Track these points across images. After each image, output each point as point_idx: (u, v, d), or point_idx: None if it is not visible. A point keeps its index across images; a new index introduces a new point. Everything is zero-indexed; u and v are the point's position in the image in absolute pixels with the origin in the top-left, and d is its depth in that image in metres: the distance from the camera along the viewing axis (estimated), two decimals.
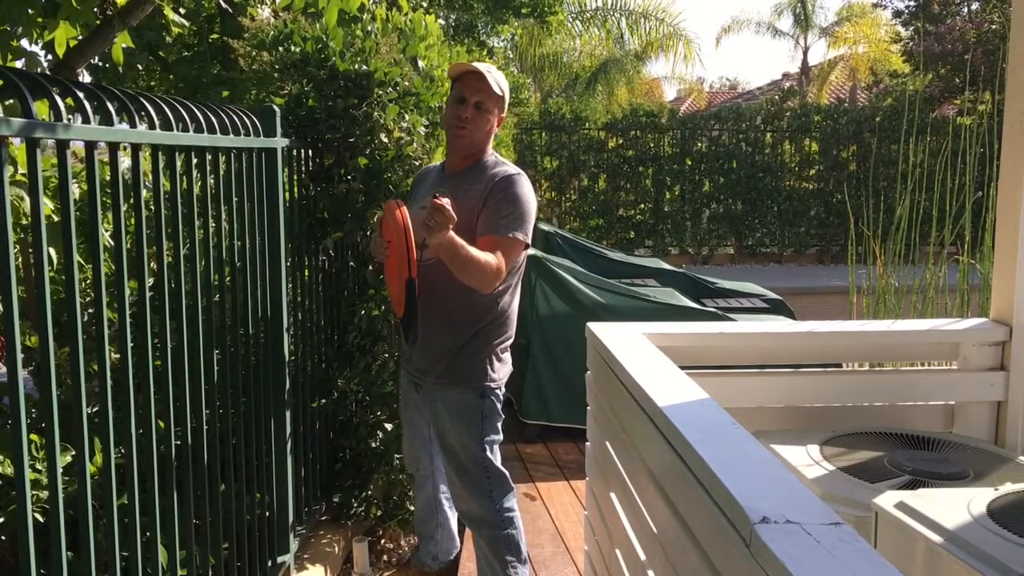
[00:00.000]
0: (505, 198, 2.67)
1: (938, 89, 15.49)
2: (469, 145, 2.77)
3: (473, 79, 2.72)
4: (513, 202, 2.67)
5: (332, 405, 3.64)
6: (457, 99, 2.74)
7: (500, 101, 2.78)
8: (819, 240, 14.77)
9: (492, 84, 2.71)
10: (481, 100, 2.73)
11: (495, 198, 2.67)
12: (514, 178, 2.71)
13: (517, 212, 2.67)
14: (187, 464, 2.27)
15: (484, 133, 2.77)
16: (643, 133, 14.32)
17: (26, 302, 2.53)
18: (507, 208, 2.66)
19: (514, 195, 2.68)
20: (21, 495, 1.56)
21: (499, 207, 2.66)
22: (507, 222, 2.65)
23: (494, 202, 2.67)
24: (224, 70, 4.26)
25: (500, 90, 2.74)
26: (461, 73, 2.75)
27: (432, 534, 3.39)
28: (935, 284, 4.67)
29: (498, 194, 2.68)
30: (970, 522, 1.66)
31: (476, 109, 2.73)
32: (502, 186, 2.69)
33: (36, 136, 1.56)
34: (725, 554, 1.31)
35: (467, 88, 2.72)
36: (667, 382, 1.90)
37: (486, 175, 2.74)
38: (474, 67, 2.72)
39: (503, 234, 2.63)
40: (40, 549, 1.63)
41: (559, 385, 4.93)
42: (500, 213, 2.65)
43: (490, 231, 2.64)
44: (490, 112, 2.75)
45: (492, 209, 2.66)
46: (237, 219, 2.66)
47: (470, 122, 2.72)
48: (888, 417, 2.67)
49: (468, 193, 2.73)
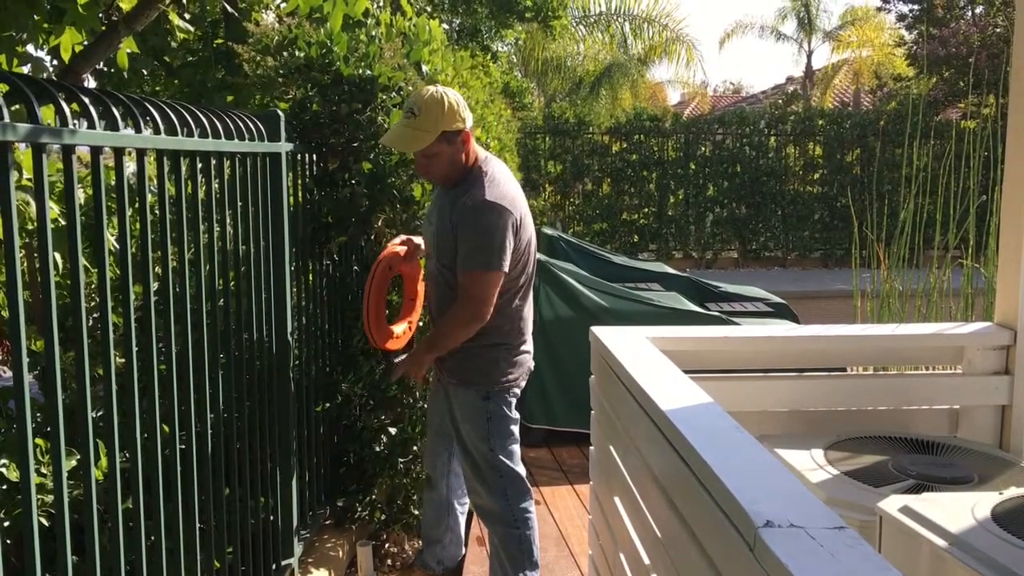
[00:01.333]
0: (467, 232, 2.74)
1: (942, 93, 15.47)
2: (442, 180, 2.88)
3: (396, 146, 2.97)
4: (477, 235, 2.72)
5: (336, 409, 3.65)
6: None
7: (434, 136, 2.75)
8: (823, 244, 14.75)
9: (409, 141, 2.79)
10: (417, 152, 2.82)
11: (461, 231, 2.75)
12: (479, 207, 2.73)
13: (480, 244, 2.72)
14: (191, 468, 2.27)
15: (446, 164, 2.81)
16: (647, 137, 14.32)
17: (32, 306, 2.54)
18: (470, 243, 2.74)
19: (477, 226, 2.73)
20: (27, 499, 1.57)
21: (463, 243, 2.75)
22: (473, 258, 2.73)
23: (461, 236, 2.75)
24: (228, 75, 4.27)
25: (427, 128, 2.73)
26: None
27: (440, 538, 3.39)
28: (939, 288, 4.67)
29: (462, 228, 2.75)
30: (974, 526, 1.66)
31: (424, 157, 2.81)
32: (466, 217, 2.75)
33: (42, 141, 1.57)
34: (729, 558, 1.31)
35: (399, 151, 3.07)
36: (671, 386, 1.90)
37: (458, 199, 2.80)
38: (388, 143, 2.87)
39: (468, 270, 2.75)
40: (45, 553, 1.63)
41: (563, 389, 4.93)
42: (465, 248, 2.75)
43: (460, 267, 2.77)
44: (434, 151, 2.77)
45: (461, 245, 2.75)
46: (241, 223, 2.66)
47: (424, 168, 2.86)
48: (892, 421, 2.67)
49: (444, 214, 2.84)
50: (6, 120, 1.45)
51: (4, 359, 2.98)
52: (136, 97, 1.99)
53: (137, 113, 1.93)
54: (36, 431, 1.61)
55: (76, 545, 1.73)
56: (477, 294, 2.73)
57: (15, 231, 1.50)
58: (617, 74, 19.72)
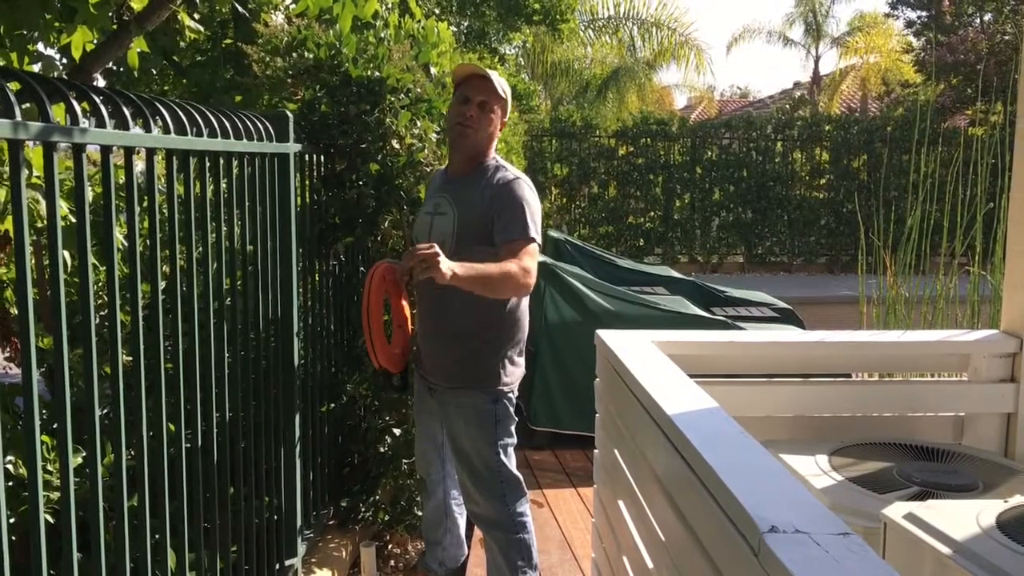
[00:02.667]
0: (509, 204, 2.70)
1: (950, 100, 15.46)
2: (472, 146, 2.80)
3: (477, 80, 2.77)
4: (518, 206, 2.70)
5: (341, 410, 3.65)
6: (461, 99, 2.78)
7: (503, 103, 2.81)
8: (829, 249, 14.74)
9: (496, 85, 2.75)
10: (485, 100, 2.76)
11: (500, 205, 2.71)
12: (514, 183, 2.74)
13: (525, 215, 2.70)
14: (197, 467, 2.28)
15: (487, 134, 2.79)
16: (653, 141, 14.32)
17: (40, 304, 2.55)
18: (513, 213, 2.69)
19: (517, 198, 2.72)
20: (33, 495, 1.57)
21: (505, 214, 2.69)
22: (518, 225, 2.68)
23: (501, 209, 2.70)
24: (237, 75, 4.28)
25: (503, 92, 2.78)
26: (466, 75, 2.79)
27: (440, 539, 3.39)
28: (945, 295, 4.66)
29: (501, 201, 2.71)
30: (979, 534, 1.66)
31: (480, 109, 2.76)
32: (504, 192, 2.73)
33: (53, 140, 1.57)
34: (733, 563, 1.32)
35: (471, 89, 2.76)
36: (676, 390, 1.90)
37: (487, 179, 2.78)
38: (478, 69, 2.75)
39: (518, 236, 2.67)
40: (50, 550, 1.64)
41: (568, 392, 4.93)
42: (510, 220, 2.68)
43: (505, 239, 2.67)
44: (493, 112, 2.78)
45: (501, 219, 2.69)
46: (249, 223, 2.67)
47: (474, 121, 2.76)
48: (897, 428, 2.67)
49: (470, 197, 2.76)
50: (18, 118, 1.46)
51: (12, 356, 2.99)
52: (146, 96, 2.00)
53: (147, 112, 1.94)
54: (43, 428, 1.62)
55: (81, 542, 1.73)
56: (530, 264, 2.63)
57: (25, 229, 1.51)
58: (624, 78, 19.74)
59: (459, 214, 2.77)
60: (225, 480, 2.48)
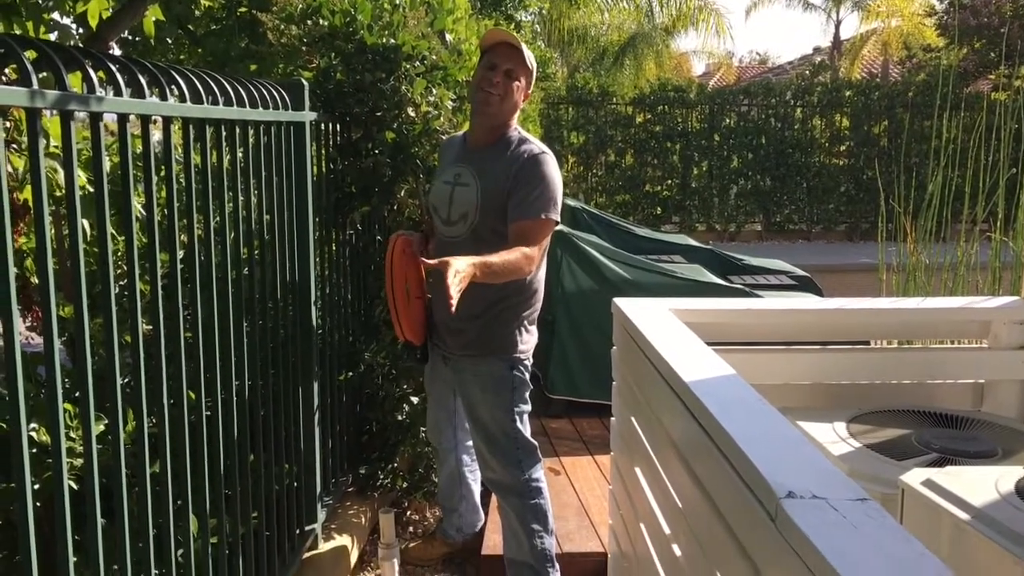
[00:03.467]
0: (532, 179, 2.67)
1: (972, 64, 15.22)
2: (495, 114, 2.76)
3: (506, 48, 2.72)
4: (540, 182, 2.67)
5: (359, 378, 3.67)
6: (487, 66, 2.73)
7: (529, 74, 2.77)
8: (848, 217, 14.62)
9: (524, 55, 2.71)
10: (512, 68, 2.72)
11: (522, 180, 2.67)
12: (539, 158, 2.70)
13: (546, 193, 2.67)
14: (217, 434, 2.30)
15: (511, 104, 2.75)
16: (671, 108, 14.20)
17: (60, 274, 2.57)
18: (535, 190, 2.66)
19: (541, 175, 2.68)
20: (57, 462, 1.59)
21: (527, 189, 2.66)
22: (538, 204, 2.65)
23: (522, 184, 2.67)
24: (252, 44, 4.26)
25: (531, 63, 2.73)
26: (494, 43, 2.74)
27: (455, 507, 3.42)
28: (966, 262, 4.62)
29: (525, 175, 2.67)
30: (997, 500, 1.65)
31: (506, 76, 2.72)
32: (528, 166, 2.69)
33: (70, 108, 1.57)
34: (751, 528, 1.32)
35: (499, 56, 2.71)
36: (693, 358, 1.90)
37: (511, 153, 2.74)
38: (508, 37, 2.71)
39: (534, 217, 2.65)
40: (75, 515, 1.66)
41: (585, 360, 4.93)
42: (529, 196, 2.65)
43: (521, 215, 2.65)
44: (518, 81, 2.74)
45: (521, 192, 2.66)
46: (266, 192, 2.67)
47: (499, 87, 2.71)
48: (916, 395, 2.66)
49: (493, 170, 2.73)
50: (35, 87, 1.46)
51: (33, 326, 3.02)
52: (162, 65, 2.00)
53: (163, 81, 1.94)
54: (65, 396, 1.64)
55: (105, 508, 1.76)
56: (540, 240, 2.66)
57: (44, 198, 1.51)
58: (641, 44, 19.53)
59: (482, 187, 2.74)
60: (245, 447, 2.50)
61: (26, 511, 1.49)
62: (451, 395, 3.10)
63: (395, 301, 2.81)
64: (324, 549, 3.22)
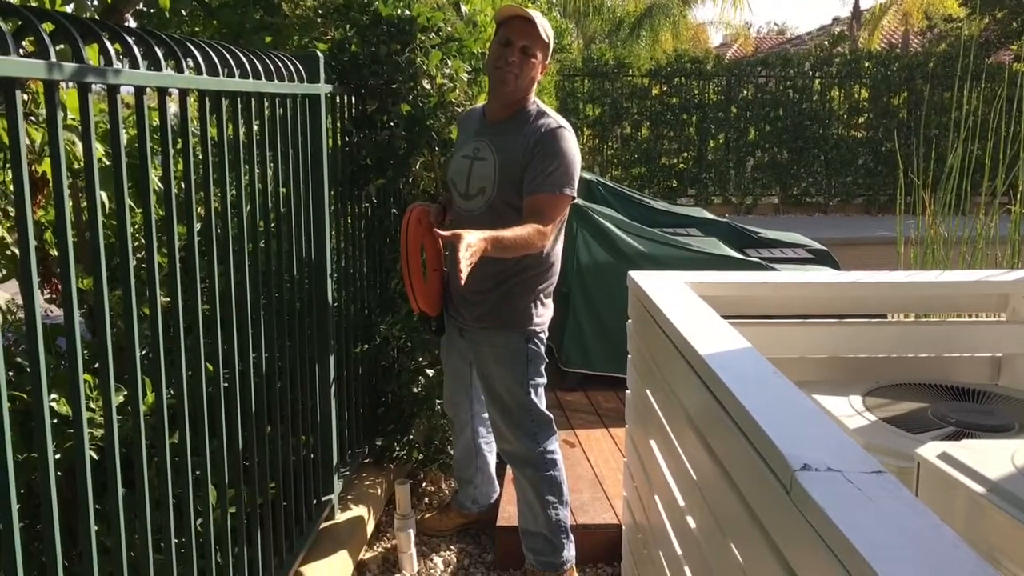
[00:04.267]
0: (550, 153, 2.66)
1: (994, 34, 15.00)
2: (513, 92, 2.74)
3: (520, 23, 2.69)
4: (558, 157, 2.66)
5: (374, 351, 3.69)
6: (503, 42, 2.71)
7: (545, 48, 2.74)
8: (867, 190, 14.48)
9: (539, 29, 2.68)
10: (528, 44, 2.69)
11: (540, 154, 2.66)
12: (558, 132, 2.69)
13: (563, 168, 2.66)
14: (235, 405, 2.32)
15: (528, 79, 2.74)
16: (687, 80, 14.06)
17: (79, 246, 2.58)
18: (552, 164, 2.65)
19: (559, 150, 2.67)
20: (78, 433, 1.61)
21: (544, 163, 2.65)
22: (554, 179, 2.65)
23: (539, 158, 2.66)
24: (267, 16, 4.24)
25: (547, 36, 2.71)
26: (508, 17, 2.72)
27: (471, 478, 3.45)
28: (985, 235, 4.58)
29: (543, 149, 2.66)
30: (1014, 473, 1.65)
31: (522, 54, 2.69)
32: (546, 140, 2.67)
33: (88, 81, 1.58)
34: (765, 500, 1.32)
35: (514, 32, 2.69)
36: (709, 331, 1.90)
37: (529, 127, 2.73)
38: (522, 11, 2.69)
39: (550, 192, 2.64)
40: (96, 485, 1.68)
41: (600, 334, 4.94)
42: (546, 170, 2.65)
43: (537, 189, 2.65)
44: (535, 57, 2.72)
45: (538, 166, 2.65)
46: (282, 165, 2.67)
47: (515, 66, 2.69)
48: (933, 369, 2.65)
49: (511, 145, 2.72)
50: (53, 59, 1.46)
51: (52, 298, 3.05)
52: (178, 37, 1.99)
53: (179, 53, 1.94)
54: (85, 367, 1.65)
55: (125, 478, 1.78)
56: (555, 216, 2.66)
57: (63, 171, 1.52)
58: (658, 15, 19.35)
59: (500, 162, 2.74)
60: (263, 419, 2.53)
61: (48, 480, 1.52)
62: (467, 367, 3.11)
63: (409, 272, 2.81)
64: (341, 520, 3.25)
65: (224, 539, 2.27)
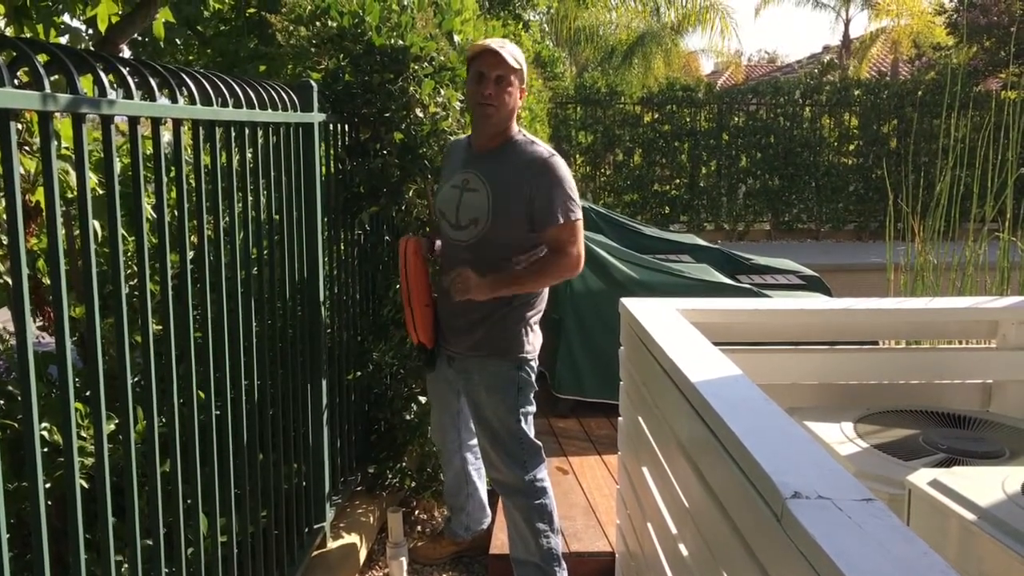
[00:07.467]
0: (550, 186, 2.75)
1: (982, 62, 15.14)
2: (496, 123, 2.80)
3: (489, 55, 2.75)
4: (558, 187, 2.75)
5: (367, 377, 3.69)
6: (476, 77, 2.77)
7: (519, 74, 2.79)
8: (857, 216, 14.54)
9: (508, 58, 2.73)
10: (501, 74, 2.75)
11: (543, 188, 2.74)
12: (551, 162, 2.77)
13: (565, 195, 2.76)
14: (227, 433, 2.32)
15: (508, 108, 2.79)
16: (679, 107, 14.16)
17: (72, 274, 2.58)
18: (555, 196, 2.74)
19: (557, 180, 2.76)
20: (68, 461, 1.61)
21: (548, 197, 2.74)
22: (562, 209, 2.75)
23: (542, 192, 2.74)
24: (261, 45, 4.28)
25: (516, 63, 2.76)
26: (477, 53, 2.78)
27: (463, 505, 3.43)
28: (975, 261, 4.61)
29: (542, 184, 2.75)
30: (1004, 500, 1.65)
31: (496, 84, 2.75)
32: (542, 174, 2.76)
33: (82, 111, 1.59)
34: (756, 528, 1.33)
35: (485, 64, 2.75)
36: (700, 358, 1.91)
37: (519, 158, 2.79)
38: (488, 45, 2.74)
39: (564, 222, 2.75)
40: (86, 513, 1.67)
41: (592, 360, 4.94)
42: (553, 203, 2.74)
43: (552, 223, 2.74)
44: (511, 85, 2.77)
45: (544, 200, 2.74)
46: (275, 193, 2.69)
47: (493, 98, 2.75)
48: (924, 395, 2.65)
49: (503, 175, 2.78)
50: (47, 90, 1.48)
51: (45, 325, 3.04)
52: (172, 67, 2.01)
53: (173, 83, 1.95)
54: (76, 395, 1.65)
55: (116, 506, 1.77)
56: (576, 239, 2.79)
57: (56, 200, 1.53)
58: (650, 43, 19.50)
59: (493, 193, 2.77)
60: (255, 447, 2.52)
61: (39, 510, 1.51)
62: (454, 396, 3.12)
63: (411, 302, 2.86)
64: (333, 547, 3.23)
65: (215, 568, 2.26)
